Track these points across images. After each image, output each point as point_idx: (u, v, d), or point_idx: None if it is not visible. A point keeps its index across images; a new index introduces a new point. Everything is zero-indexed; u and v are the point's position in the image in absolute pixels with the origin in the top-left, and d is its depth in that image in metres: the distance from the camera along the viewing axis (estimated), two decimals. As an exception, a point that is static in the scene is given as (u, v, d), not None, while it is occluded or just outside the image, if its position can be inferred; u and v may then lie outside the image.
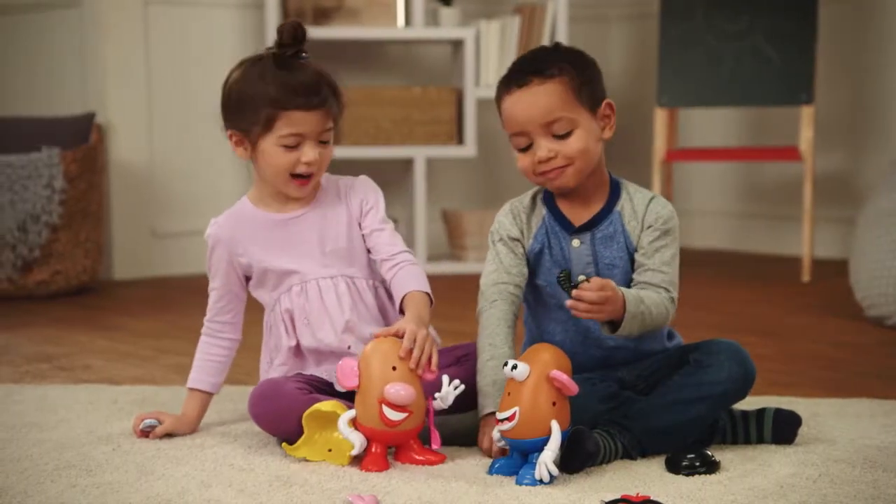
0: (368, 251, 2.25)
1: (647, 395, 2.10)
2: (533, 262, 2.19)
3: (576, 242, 2.15)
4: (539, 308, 2.21)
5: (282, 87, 2.15)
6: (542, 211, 2.19)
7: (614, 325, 2.03)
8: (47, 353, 3.13)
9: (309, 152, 2.17)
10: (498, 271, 2.17)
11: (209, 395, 2.29)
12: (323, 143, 2.19)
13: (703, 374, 2.06)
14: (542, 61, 2.12)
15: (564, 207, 2.17)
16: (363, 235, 2.25)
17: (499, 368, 2.07)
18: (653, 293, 2.08)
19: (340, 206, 2.26)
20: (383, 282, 2.25)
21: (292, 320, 2.22)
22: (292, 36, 2.18)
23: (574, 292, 1.99)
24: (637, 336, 2.09)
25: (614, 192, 2.18)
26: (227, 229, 2.26)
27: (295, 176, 2.19)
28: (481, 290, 2.18)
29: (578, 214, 2.17)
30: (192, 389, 2.28)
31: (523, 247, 2.18)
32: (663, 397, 2.07)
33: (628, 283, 2.13)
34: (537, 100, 2.09)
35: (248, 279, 2.28)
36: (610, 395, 2.11)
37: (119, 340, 3.31)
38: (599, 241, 2.15)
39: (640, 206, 2.15)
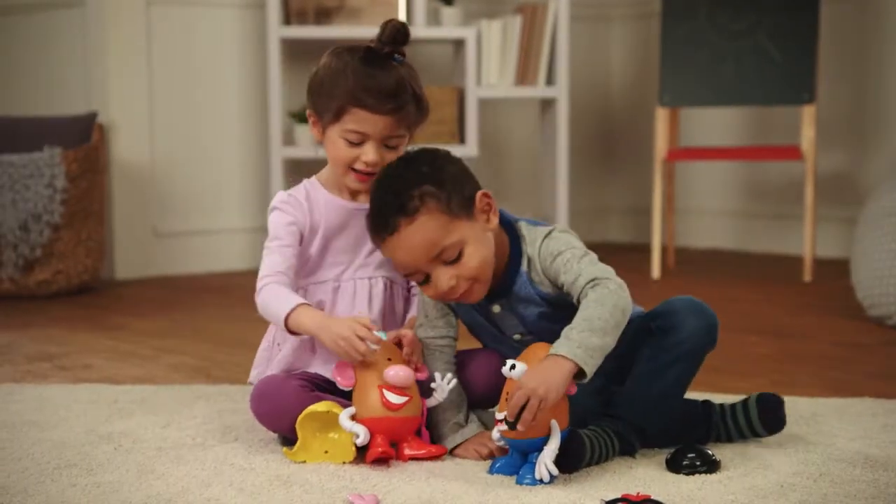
0: None
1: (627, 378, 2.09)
2: (463, 319, 2.16)
3: (496, 308, 2.11)
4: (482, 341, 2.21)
5: (358, 84, 2.12)
6: None
7: (581, 370, 1.93)
8: (48, 352, 3.13)
9: (370, 153, 2.14)
10: (423, 327, 2.14)
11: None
12: (389, 147, 2.16)
13: (668, 337, 2.06)
14: (400, 196, 1.99)
15: None
16: None
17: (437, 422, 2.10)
18: (584, 303, 1.98)
19: None
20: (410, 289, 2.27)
21: None
22: (392, 36, 2.15)
23: (507, 427, 1.92)
24: (616, 342, 1.98)
25: (515, 251, 2.08)
26: (303, 201, 2.21)
27: (355, 170, 2.17)
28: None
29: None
30: (301, 305, 2.08)
31: (448, 304, 2.14)
32: (639, 371, 2.07)
33: (563, 326, 1.99)
34: (413, 242, 1.99)
35: None
36: (598, 389, 2.10)
37: (120, 340, 3.31)
38: (517, 303, 2.09)
39: (535, 260, 2.06)
